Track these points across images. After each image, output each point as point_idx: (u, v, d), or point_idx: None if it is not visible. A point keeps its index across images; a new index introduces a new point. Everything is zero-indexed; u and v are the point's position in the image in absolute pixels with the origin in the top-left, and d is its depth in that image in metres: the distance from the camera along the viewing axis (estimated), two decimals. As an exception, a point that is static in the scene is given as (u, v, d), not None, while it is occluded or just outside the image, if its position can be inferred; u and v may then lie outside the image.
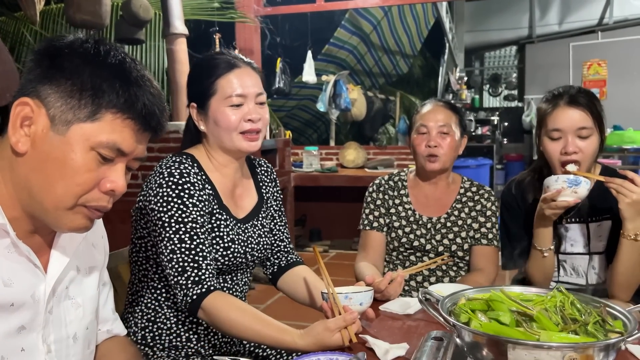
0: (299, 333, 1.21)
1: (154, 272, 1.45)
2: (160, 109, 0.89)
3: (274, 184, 1.64)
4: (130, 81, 0.85)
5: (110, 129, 0.83)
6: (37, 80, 0.83)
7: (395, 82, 9.60)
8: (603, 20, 9.20)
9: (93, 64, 0.83)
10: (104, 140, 0.83)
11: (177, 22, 4.06)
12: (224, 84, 1.41)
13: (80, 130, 0.82)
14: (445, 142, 1.84)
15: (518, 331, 0.92)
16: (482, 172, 6.87)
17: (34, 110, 0.82)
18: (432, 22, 8.62)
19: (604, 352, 0.85)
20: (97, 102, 0.82)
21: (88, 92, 0.82)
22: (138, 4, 3.87)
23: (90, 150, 0.83)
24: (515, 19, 10.09)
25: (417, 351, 1.06)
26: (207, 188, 1.41)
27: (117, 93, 0.83)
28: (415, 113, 1.94)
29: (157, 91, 0.89)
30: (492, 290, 1.06)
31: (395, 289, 1.54)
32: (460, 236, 1.87)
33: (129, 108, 0.84)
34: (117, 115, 0.84)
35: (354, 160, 5.65)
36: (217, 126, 1.41)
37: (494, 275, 1.85)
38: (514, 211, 1.79)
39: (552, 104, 1.65)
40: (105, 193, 0.87)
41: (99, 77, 0.83)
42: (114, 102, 0.83)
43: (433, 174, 1.90)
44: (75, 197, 0.84)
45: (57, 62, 0.82)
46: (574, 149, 1.58)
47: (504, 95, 11.39)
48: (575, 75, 8.82)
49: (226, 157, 1.47)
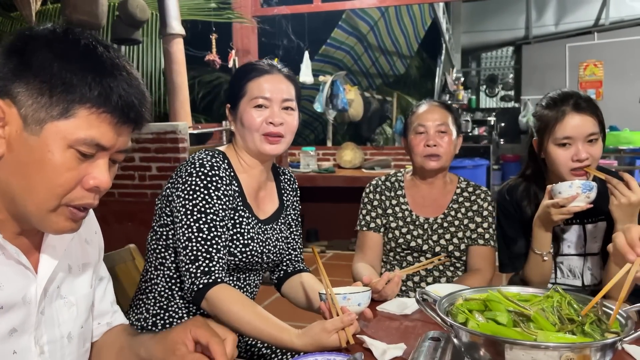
0: (296, 333, 1.21)
1: (171, 262, 1.48)
2: (138, 98, 0.83)
3: (294, 193, 1.68)
4: (103, 72, 0.80)
5: (86, 124, 0.79)
6: (7, 78, 0.78)
7: (392, 83, 9.61)
8: (599, 21, 9.23)
9: (62, 57, 0.78)
10: (82, 137, 0.79)
11: (174, 22, 4.06)
12: (253, 86, 1.46)
13: (55, 129, 0.78)
14: (444, 141, 1.85)
15: (515, 331, 0.93)
16: (478, 173, 6.88)
17: (5, 110, 0.78)
18: (429, 23, 8.63)
19: (600, 352, 0.86)
20: (69, 98, 0.77)
21: (58, 89, 0.77)
22: (135, 4, 3.86)
23: (68, 149, 0.79)
24: (511, 19, 10.12)
25: (414, 351, 1.06)
26: (233, 184, 1.45)
27: (90, 86, 0.78)
28: (411, 114, 1.94)
29: (135, 80, 0.84)
30: (489, 291, 1.06)
31: (393, 289, 1.54)
32: (457, 236, 1.87)
33: (103, 101, 0.79)
34: (92, 110, 0.79)
35: (351, 160, 5.65)
36: (243, 126, 1.47)
37: (491, 275, 1.86)
38: (510, 216, 1.80)
39: (557, 111, 1.63)
40: (89, 190, 0.83)
41: (69, 70, 0.78)
42: (87, 96, 0.78)
43: (432, 173, 1.90)
44: (57, 197, 0.81)
45: (25, 59, 0.78)
46: (585, 155, 1.59)
47: (501, 95, 11.41)
48: (571, 76, 8.85)
49: (252, 159, 1.51)
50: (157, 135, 3.71)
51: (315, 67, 6.39)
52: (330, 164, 5.82)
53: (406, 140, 1.95)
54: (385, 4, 6.15)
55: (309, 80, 6.00)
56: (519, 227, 1.77)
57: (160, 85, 5.78)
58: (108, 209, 3.61)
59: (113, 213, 3.63)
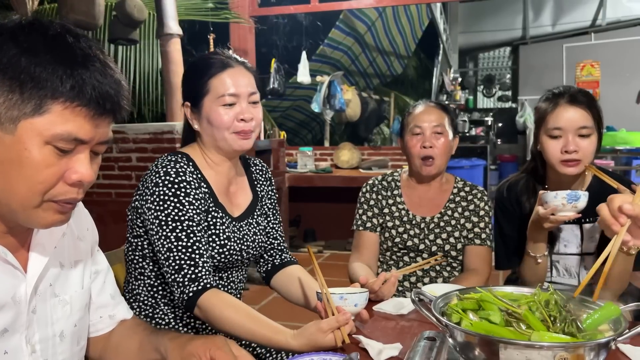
0: (292, 333, 1.21)
1: (150, 270, 1.46)
2: (114, 88, 0.79)
3: (268, 182, 1.65)
4: (74, 64, 0.76)
5: (61, 120, 0.76)
6: None
7: (389, 83, 9.61)
8: (596, 21, 9.25)
9: (29, 50, 0.74)
10: (58, 133, 0.76)
11: (171, 22, 4.05)
12: (217, 84, 1.41)
13: (30, 126, 0.75)
14: (440, 143, 1.85)
15: (508, 330, 0.93)
16: (475, 173, 6.89)
17: None
18: (427, 23, 8.63)
19: (594, 351, 0.86)
20: (40, 94, 0.74)
21: (29, 85, 0.74)
22: (132, 4, 3.86)
23: (45, 145, 0.76)
24: (509, 20, 10.13)
25: (410, 351, 1.07)
26: (202, 186, 1.42)
27: (61, 80, 0.75)
28: (407, 115, 1.94)
29: (110, 69, 0.80)
30: (482, 291, 1.06)
31: (389, 290, 1.54)
32: (454, 236, 1.88)
33: (77, 95, 0.76)
34: (66, 104, 0.76)
35: (349, 160, 5.65)
36: (210, 125, 1.42)
37: (487, 275, 1.86)
38: (508, 213, 1.80)
39: (552, 102, 1.65)
40: (72, 185, 0.81)
41: (38, 64, 0.74)
42: (59, 90, 0.75)
43: (428, 178, 1.90)
44: (39, 194, 0.78)
45: None
46: (574, 147, 1.58)
47: (498, 96, 11.42)
48: (568, 76, 8.86)
49: (220, 156, 1.47)
50: (154, 136, 3.71)
51: (312, 67, 6.39)
52: (328, 164, 5.83)
53: (402, 141, 1.95)
54: (383, 4, 6.15)
55: (307, 80, 6.00)
56: (517, 224, 1.76)
57: (157, 85, 5.78)
58: (105, 209, 3.61)
59: (110, 213, 3.63)
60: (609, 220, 1.03)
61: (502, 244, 1.82)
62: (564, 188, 1.71)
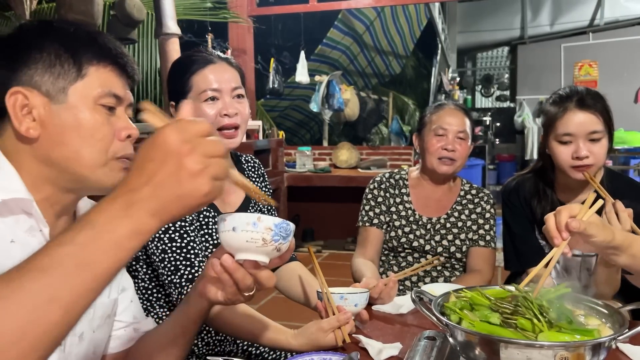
0: (292, 333, 1.21)
1: (144, 273, 1.45)
2: (126, 53, 0.92)
3: (261, 179, 1.63)
4: (92, 33, 0.88)
5: (99, 79, 0.86)
6: (11, 71, 0.84)
7: (388, 83, 9.61)
8: (594, 21, 9.26)
9: (52, 31, 0.86)
10: (101, 91, 0.86)
11: (170, 22, 4.05)
12: (199, 80, 1.39)
13: (77, 92, 0.85)
14: (461, 147, 1.85)
15: (509, 331, 0.93)
16: (474, 173, 6.91)
17: (27, 95, 0.83)
18: (425, 23, 8.64)
19: (594, 351, 0.86)
20: (77, 60, 0.85)
21: (65, 55, 0.84)
22: (132, 4, 3.85)
23: (94, 105, 0.85)
24: (507, 20, 10.14)
25: (410, 351, 1.07)
26: None
27: (89, 46, 0.86)
28: (429, 113, 1.92)
29: (113, 37, 0.92)
30: (471, 292, 1.07)
31: (390, 294, 1.53)
32: (460, 238, 1.88)
33: (105, 56, 0.87)
34: (99, 65, 0.87)
35: (347, 160, 5.65)
36: None
37: (490, 276, 1.86)
38: (516, 211, 1.77)
39: (561, 107, 1.62)
40: (123, 141, 0.89)
41: (66, 38, 0.85)
42: (90, 54, 0.86)
43: (442, 177, 1.90)
44: (103, 152, 0.86)
45: (21, 47, 0.84)
46: (585, 153, 1.56)
47: (496, 95, 11.44)
48: (566, 76, 8.88)
49: None
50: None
51: (311, 67, 6.39)
52: (326, 163, 5.83)
53: (420, 137, 1.93)
54: (381, 4, 6.15)
55: (305, 80, 6.00)
56: (526, 223, 1.75)
57: (156, 84, 5.77)
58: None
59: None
60: (553, 233, 1.03)
61: (510, 244, 1.79)
62: (573, 191, 1.70)
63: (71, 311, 0.56)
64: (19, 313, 0.52)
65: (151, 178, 0.61)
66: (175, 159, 0.61)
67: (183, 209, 0.63)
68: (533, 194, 1.74)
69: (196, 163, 0.62)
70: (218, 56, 1.43)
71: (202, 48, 1.49)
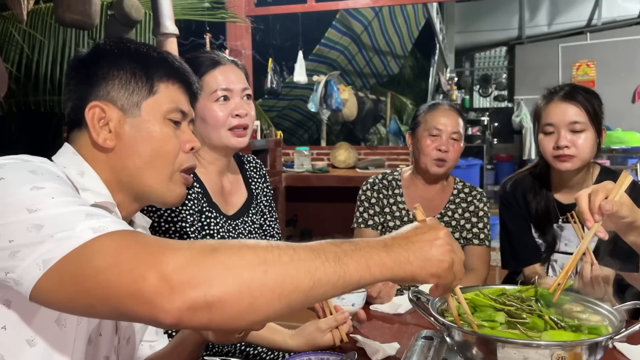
0: (289, 333, 1.21)
1: None
2: (191, 71, 0.99)
3: (263, 179, 1.63)
4: (161, 54, 0.96)
5: (168, 96, 0.93)
6: (91, 87, 0.90)
7: (386, 83, 9.61)
8: (592, 21, 9.28)
9: (128, 51, 0.93)
10: (170, 106, 0.93)
11: (168, 22, 4.04)
12: (209, 80, 1.40)
13: (149, 107, 0.91)
14: (455, 148, 1.86)
15: (512, 331, 0.93)
16: (472, 172, 6.91)
17: (104, 109, 0.89)
18: (423, 23, 8.64)
19: (591, 350, 0.86)
20: (150, 78, 0.92)
21: (139, 73, 0.91)
22: (130, 4, 3.84)
23: (164, 120, 0.92)
24: (505, 20, 10.15)
25: (407, 350, 1.07)
26: (195, 186, 1.41)
27: (160, 65, 0.94)
28: (423, 112, 1.92)
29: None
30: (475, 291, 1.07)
31: (389, 293, 1.54)
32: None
33: (174, 74, 0.95)
34: (168, 82, 0.94)
35: (345, 160, 5.65)
36: (205, 123, 1.41)
37: (485, 274, 1.86)
38: (513, 210, 1.78)
39: (547, 99, 1.65)
40: (187, 153, 0.96)
41: (140, 58, 0.93)
42: (161, 72, 0.93)
43: (435, 177, 1.90)
44: (170, 164, 0.93)
45: (99, 65, 0.91)
46: (566, 143, 1.58)
47: (494, 95, 11.44)
48: (564, 76, 8.89)
49: (213, 155, 1.46)
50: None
51: (309, 67, 6.39)
52: (324, 163, 5.83)
53: (413, 136, 1.93)
54: (379, 4, 6.15)
55: (303, 79, 5.99)
56: (523, 221, 1.75)
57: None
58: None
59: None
60: (586, 215, 1.02)
61: (507, 244, 1.80)
62: (567, 187, 1.71)
63: (316, 288, 0.66)
64: (287, 267, 0.64)
65: (410, 238, 0.77)
66: (434, 233, 0.77)
67: (422, 269, 0.75)
68: (529, 192, 1.75)
69: (447, 243, 0.77)
70: (226, 58, 1.46)
71: (208, 49, 1.50)
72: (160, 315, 0.59)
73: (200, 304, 0.59)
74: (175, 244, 0.63)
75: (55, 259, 0.63)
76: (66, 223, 0.65)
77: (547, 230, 1.73)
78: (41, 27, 4.49)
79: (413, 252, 0.75)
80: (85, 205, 0.71)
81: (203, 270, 0.60)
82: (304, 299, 0.66)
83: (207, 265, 0.61)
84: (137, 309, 0.60)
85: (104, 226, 0.65)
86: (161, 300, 0.59)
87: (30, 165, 0.76)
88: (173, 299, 0.59)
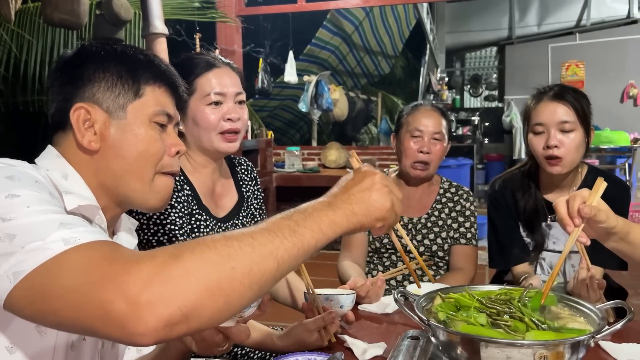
0: (278, 334, 1.22)
1: None
2: (177, 75, 0.99)
3: (254, 182, 1.63)
4: (147, 56, 0.95)
5: (154, 99, 0.93)
6: (76, 88, 0.90)
7: (377, 83, 9.64)
8: (581, 22, 9.35)
9: (114, 53, 0.92)
10: (156, 109, 0.92)
11: (157, 21, 4.02)
12: (203, 83, 1.39)
13: (135, 109, 0.91)
14: (437, 149, 1.85)
15: (497, 331, 0.94)
16: (462, 172, 6.93)
17: (90, 110, 0.88)
18: (414, 23, 8.67)
19: (574, 349, 0.87)
20: (136, 81, 0.91)
21: (125, 76, 0.91)
22: (119, 3, 3.82)
23: (150, 122, 0.92)
24: (495, 20, 10.20)
25: (393, 350, 1.07)
26: (185, 189, 1.41)
27: (146, 67, 0.93)
28: (406, 114, 1.92)
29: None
30: (460, 292, 1.07)
31: (377, 293, 1.54)
32: (441, 236, 1.89)
33: (160, 77, 0.94)
34: (155, 85, 0.93)
35: (336, 160, 5.66)
36: (196, 126, 1.40)
37: (473, 273, 1.87)
38: (502, 209, 1.79)
39: (537, 99, 1.67)
40: (172, 157, 0.96)
41: (127, 60, 0.92)
42: (148, 75, 0.93)
43: (417, 180, 1.91)
44: (153, 166, 0.92)
45: (85, 67, 0.90)
46: (555, 142, 1.59)
47: (485, 95, 11.50)
48: (554, 75, 8.95)
49: (204, 158, 1.45)
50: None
51: (299, 67, 6.39)
52: (315, 163, 5.83)
53: (397, 138, 1.94)
54: (370, 4, 6.17)
55: (294, 80, 6.00)
56: (511, 220, 1.76)
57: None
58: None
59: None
60: (565, 221, 1.03)
61: (495, 242, 1.80)
62: (555, 187, 1.72)
63: (281, 266, 0.68)
64: (251, 256, 0.65)
65: (350, 190, 0.81)
66: (370, 179, 0.83)
67: (367, 217, 0.80)
68: (518, 190, 1.76)
69: (384, 185, 0.82)
70: (221, 60, 1.44)
71: (204, 51, 1.49)
72: (136, 339, 0.59)
73: (177, 318, 0.59)
74: (140, 257, 0.62)
75: (25, 272, 0.62)
76: (38, 233, 0.65)
77: (536, 229, 1.74)
78: (29, 27, 4.46)
79: (356, 203, 0.79)
80: (61, 213, 0.70)
81: (170, 284, 0.59)
82: (273, 280, 0.67)
83: (173, 276, 0.60)
84: (109, 331, 0.59)
85: (75, 237, 0.64)
86: (134, 325, 0.58)
87: (9, 170, 0.74)
88: (146, 322, 0.58)
